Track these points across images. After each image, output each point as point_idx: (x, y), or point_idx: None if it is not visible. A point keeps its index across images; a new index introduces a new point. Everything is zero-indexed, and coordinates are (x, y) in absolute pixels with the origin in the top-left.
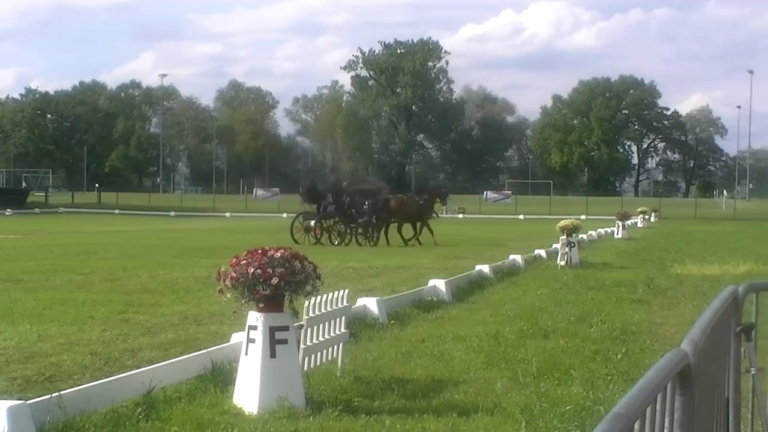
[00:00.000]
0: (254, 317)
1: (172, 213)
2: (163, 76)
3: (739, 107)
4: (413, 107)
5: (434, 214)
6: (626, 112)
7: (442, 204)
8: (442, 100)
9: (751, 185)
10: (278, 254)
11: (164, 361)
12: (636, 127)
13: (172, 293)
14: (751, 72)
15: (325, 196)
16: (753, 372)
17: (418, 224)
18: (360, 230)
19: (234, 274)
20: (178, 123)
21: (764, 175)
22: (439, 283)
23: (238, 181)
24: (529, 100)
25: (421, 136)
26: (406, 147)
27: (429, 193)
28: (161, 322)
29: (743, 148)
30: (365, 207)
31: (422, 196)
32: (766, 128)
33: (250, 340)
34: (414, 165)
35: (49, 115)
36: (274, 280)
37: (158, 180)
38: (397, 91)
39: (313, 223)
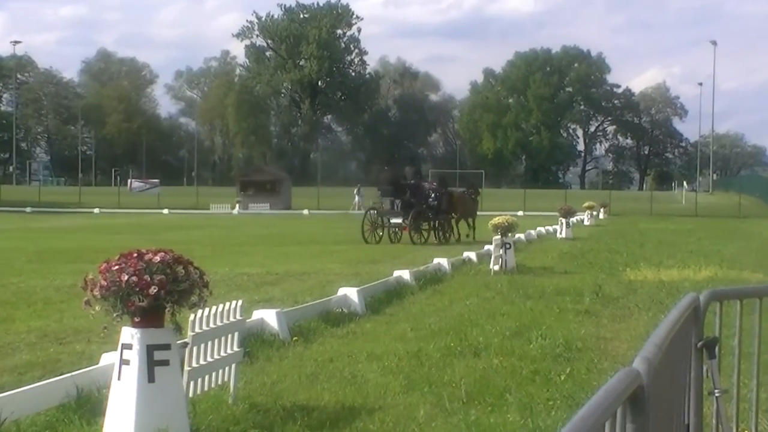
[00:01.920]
0: (129, 334)
1: (28, 209)
2: (16, 43)
3: (700, 84)
4: (319, 83)
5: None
6: (570, 89)
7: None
8: (353, 74)
9: (714, 176)
10: (157, 258)
11: (18, 388)
12: (581, 107)
13: (28, 306)
14: (714, 43)
15: (407, 189)
16: (717, 394)
17: (470, 219)
18: (438, 226)
19: (104, 283)
20: (35, 100)
21: (729, 163)
22: (351, 292)
23: (108, 170)
24: (457, 75)
25: (329, 117)
26: (311, 130)
27: (474, 187)
28: (14, 341)
29: (705, 132)
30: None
31: (470, 190)
32: (732, 109)
33: (123, 362)
34: (320, 152)
35: None
36: (153, 290)
37: (11, 169)
38: (300, 63)
39: (400, 220)
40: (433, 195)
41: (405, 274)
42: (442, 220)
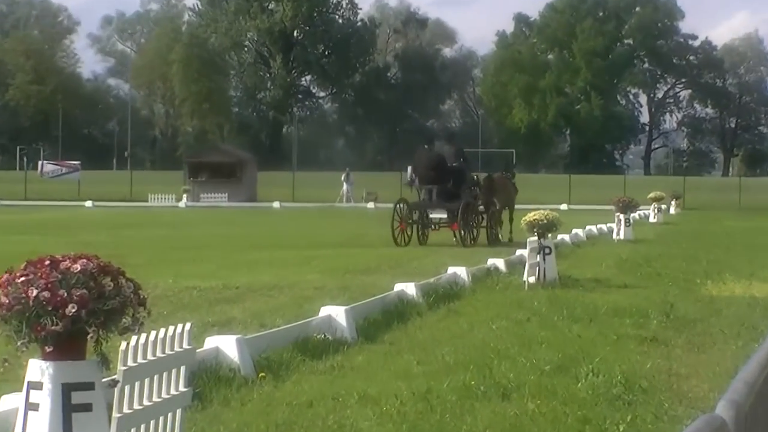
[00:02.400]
0: (38, 368)
1: None
2: None
3: None
4: (295, 33)
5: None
6: (630, 42)
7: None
8: (340, 22)
9: None
10: (77, 266)
11: None
12: (645, 65)
13: None
14: None
15: (452, 175)
16: None
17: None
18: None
19: (5, 300)
20: None
21: None
22: (337, 313)
23: (12, 149)
24: (478, 22)
25: (308, 78)
26: (284, 96)
27: (509, 168)
28: None
29: None
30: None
31: (507, 173)
32: None
33: (30, 407)
34: (296, 125)
35: None
36: (71, 309)
37: None
38: (269, 7)
39: (443, 215)
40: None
41: (409, 288)
42: (491, 212)
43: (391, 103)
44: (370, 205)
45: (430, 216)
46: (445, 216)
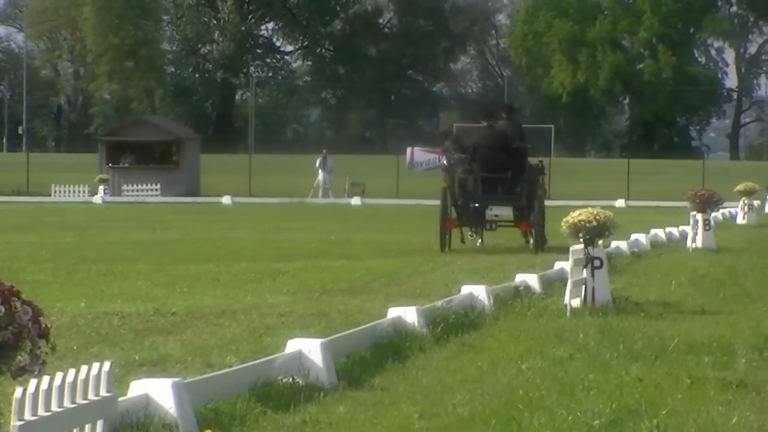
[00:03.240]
0: None
1: None
2: None
3: None
4: None
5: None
6: None
7: None
8: None
9: None
10: None
11: None
12: (733, 8)
13: None
14: None
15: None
16: None
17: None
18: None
19: None
20: None
21: None
22: (310, 347)
23: None
24: None
25: (270, 26)
26: (237, 50)
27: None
28: None
29: None
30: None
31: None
32: None
33: None
34: (254, 90)
35: None
36: None
37: None
38: None
39: (507, 210)
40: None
41: (409, 315)
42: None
43: (383, 60)
44: (355, 200)
45: (492, 211)
46: (509, 212)
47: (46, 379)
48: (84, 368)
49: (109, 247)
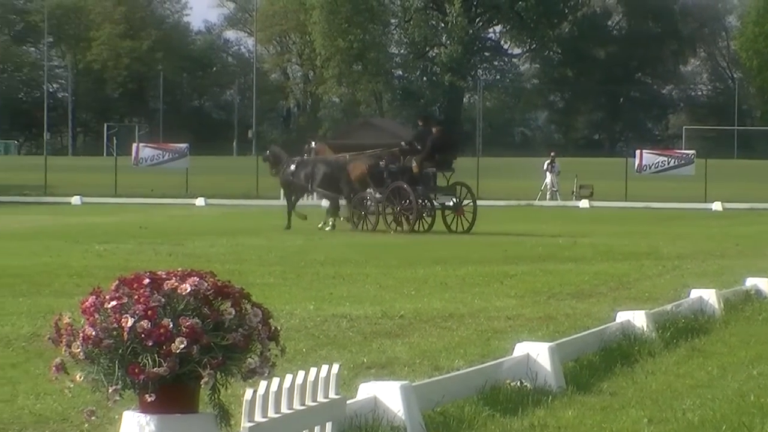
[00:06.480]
0: (135, 423)
1: None
2: None
3: None
4: None
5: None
6: None
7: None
8: None
9: None
10: (186, 287)
11: None
12: None
13: None
14: None
15: None
16: None
17: None
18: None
19: (91, 331)
20: None
21: None
22: (538, 351)
23: (98, 126)
24: None
25: (497, 29)
26: (465, 53)
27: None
28: None
29: None
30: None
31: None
32: None
33: None
34: (481, 93)
35: None
36: (179, 344)
37: None
38: None
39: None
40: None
41: (638, 319)
42: None
43: (612, 62)
44: (583, 203)
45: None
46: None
47: (275, 381)
48: (313, 370)
49: (337, 250)
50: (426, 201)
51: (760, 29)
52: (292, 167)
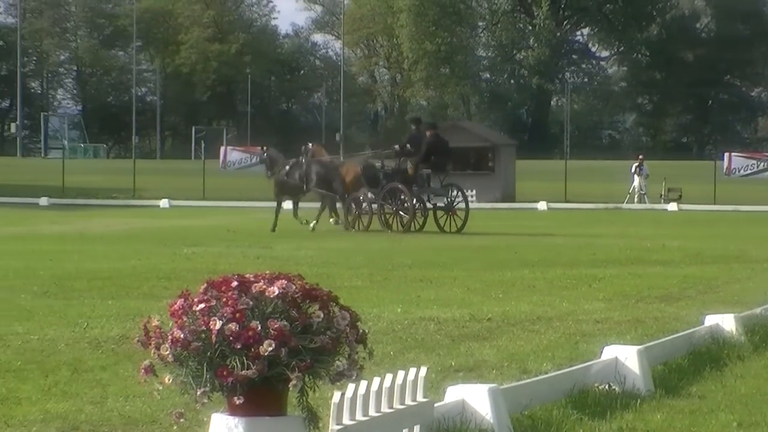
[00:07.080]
0: (223, 426)
1: (44, 200)
2: None
3: None
4: None
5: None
6: None
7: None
8: None
9: None
10: (274, 289)
11: None
12: None
13: (44, 375)
14: None
15: None
16: None
17: None
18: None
19: (179, 334)
20: (53, 3)
21: None
22: (626, 354)
23: (184, 130)
24: None
25: (585, 32)
26: (552, 56)
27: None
28: None
29: None
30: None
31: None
32: None
33: None
34: (569, 96)
35: None
36: (267, 347)
37: (12, 128)
38: None
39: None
40: None
41: (727, 322)
42: None
43: (700, 65)
44: (672, 206)
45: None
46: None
47: (363, 383)
48: (400, 373)
49: (424, 252)
50: (420, 202)
51: None
52: (287, 168)
